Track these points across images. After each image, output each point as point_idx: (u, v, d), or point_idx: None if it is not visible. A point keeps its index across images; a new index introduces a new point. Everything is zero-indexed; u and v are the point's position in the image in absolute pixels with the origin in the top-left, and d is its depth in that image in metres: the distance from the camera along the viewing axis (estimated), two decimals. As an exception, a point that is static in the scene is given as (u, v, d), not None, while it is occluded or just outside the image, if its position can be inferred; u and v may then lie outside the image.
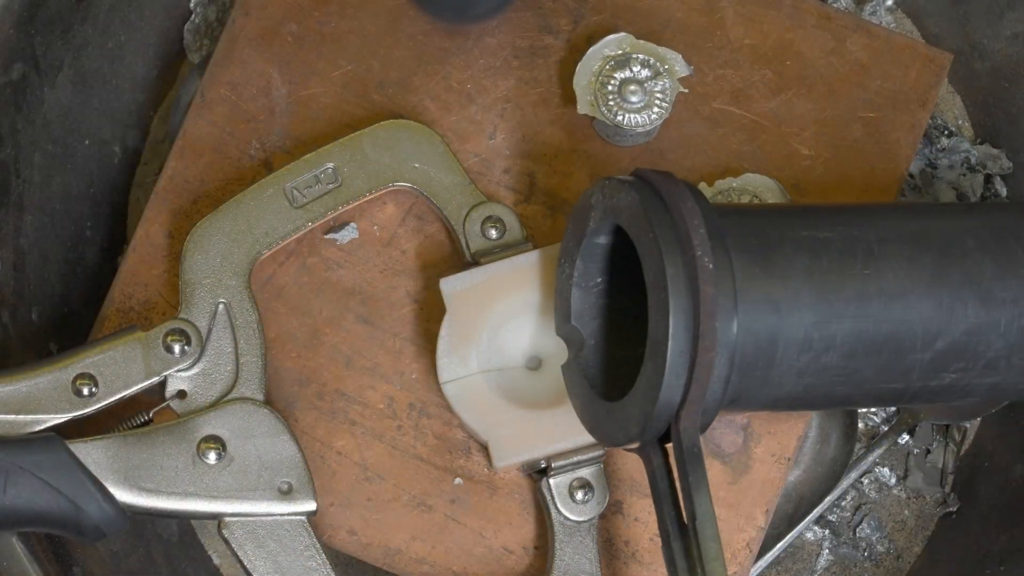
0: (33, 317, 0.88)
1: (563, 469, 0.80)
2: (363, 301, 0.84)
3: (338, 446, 0.83)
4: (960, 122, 1.01)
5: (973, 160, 0.99)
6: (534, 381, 0.82)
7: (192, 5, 1.01)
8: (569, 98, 0.86)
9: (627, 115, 0.83)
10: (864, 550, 0.98)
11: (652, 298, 0.70)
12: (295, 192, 0.82)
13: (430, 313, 0.84)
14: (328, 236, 0.84)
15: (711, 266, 0.69)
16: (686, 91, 0.85)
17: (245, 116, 0.86)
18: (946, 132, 1.00)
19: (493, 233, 0.83)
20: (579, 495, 0.80)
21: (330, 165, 0.83)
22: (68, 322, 0.92)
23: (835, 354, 0.71)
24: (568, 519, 0.80)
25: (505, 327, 0.82)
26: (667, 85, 0.83)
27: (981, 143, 1.00)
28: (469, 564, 0.83)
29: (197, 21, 1.01)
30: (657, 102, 0.83)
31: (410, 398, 0.84)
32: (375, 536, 0.83)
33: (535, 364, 0.82)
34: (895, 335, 0.72)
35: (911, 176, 0.99)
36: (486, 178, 0.85)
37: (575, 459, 0.80)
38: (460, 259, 0.84)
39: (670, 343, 0.68)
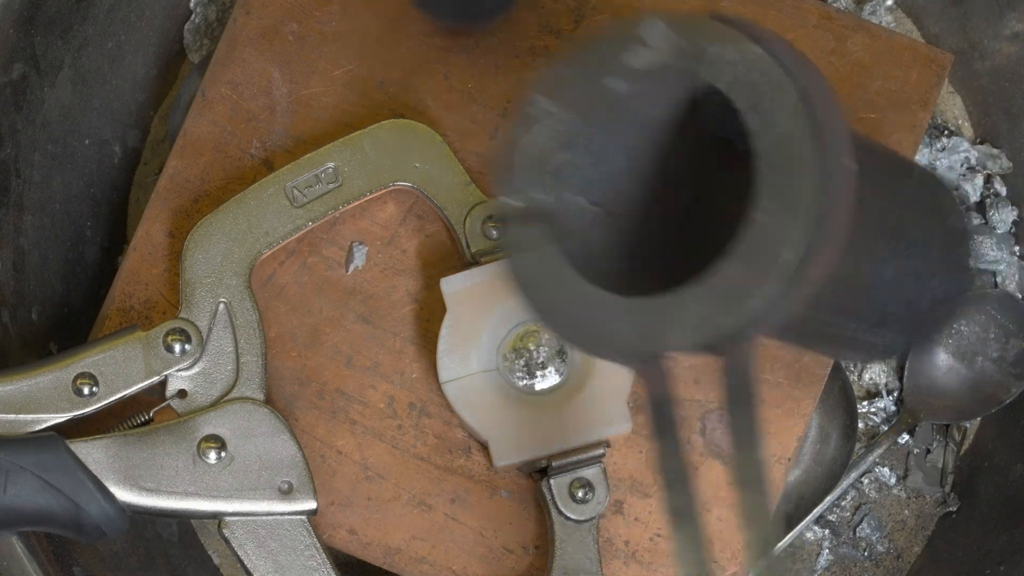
0: (33, 317, 0.88)
1: (563, 469, 0.80)
2: (363, 300, 0.84)
3: (338, 445, 0.83)
4: (960, 122, 1.01)
5: (973, 160, 0.99)
6: None
7: (192, 5, 1.01)
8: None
9: None
10: (864, 550, 0.98)
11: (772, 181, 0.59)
12: (296, 192, 0.82)
13: (430, 313, 0.84)
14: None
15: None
16: None
17: (246, 115, 0.86)
18: (946, 132, 1.00)
19: (494, 232, 0.83)
20: (579, 494, 0.80)
21: (331, 165, 0.83)
22: (68, 322, 0.92)
23: None
24: (569, 518, 0.80)
25: (506, 327, 0.82)
26: None
27: (981, 143, 1.00)
28: (469, 563, 0.83)
29: (197, 21, 1.01)
30: None
31: (411, 398, 0.84)
32: (375, 535, 0.83)
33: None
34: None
35: (911, 176, 0.99)
36: (488, 177, 0.85)
37: (575, 459, 0.80)
38: (461, 259, 0.84)
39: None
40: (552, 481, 0.80)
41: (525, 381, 0.81)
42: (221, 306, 0.81)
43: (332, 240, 0.85)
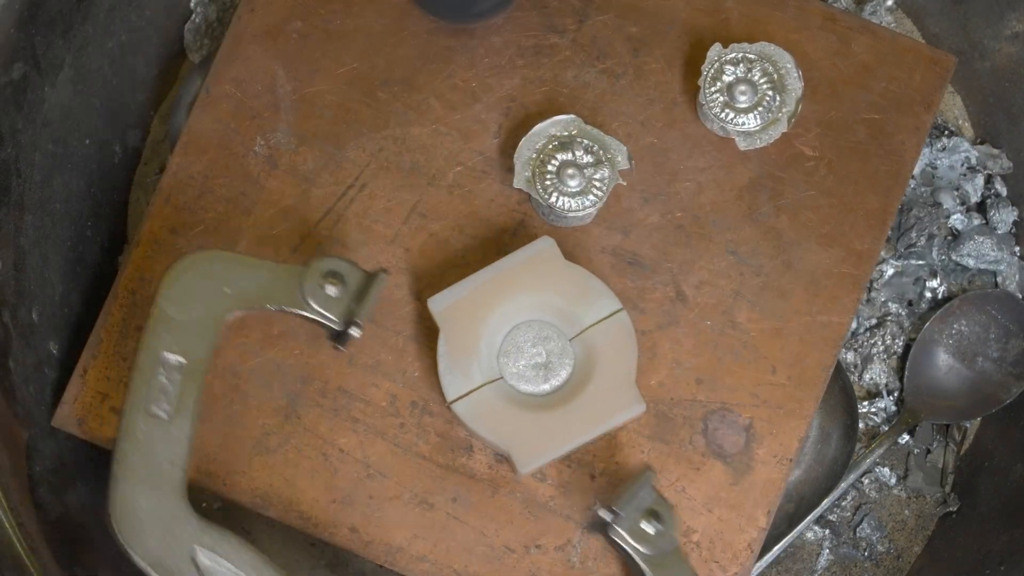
0: (33, 317, 0.88)
1: (623, 507, 0.78)
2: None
3: (340, 443, 0.83)
4: (960, 122, 1.02)
5: (973, 160, 1.00)
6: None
7: (192, 5, 1.01)
8: (574, 97, 0.86)
9: (562, 198, 0.82)
10: (864, 550, 0.98)
11: None
12: (156, 409, 0.77)
13: (433, 311, 0.84)
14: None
15: None
16: (624, 183, 0.85)
17: (250, 113, 0.86)
18: (946, 132, 1.01)
19: (334, 291, 0.78)
20: (649, 528, 0.78)
21: (167, 355, 0.77)
22: (68, 322, 0.92)
23: None
24: (652, 555, 0.78)
25: (502, 332, 0.81)
26: (607, 175, 0.83)
27: (981, 143, 1.01)
28: (470, 562, 0.83)
29: (197, 21, 1.01)
30: (595, 189, 0.83)
31: (412, 396, 0.84)
32: (376, 533, 0.83)
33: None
34: None
35: (912, 177, 0.99)
36: (490, 176, 0.85)
37: (627, 496, 0.78)
38: (330, 338, 0.80)
39: None
40: (620, 529, 0.78)
41: (531, 386, 0.81)
42: None
43: (336, 239, 0.85)
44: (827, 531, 0.98)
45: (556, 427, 0.80)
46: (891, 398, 0.99)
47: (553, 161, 0.83)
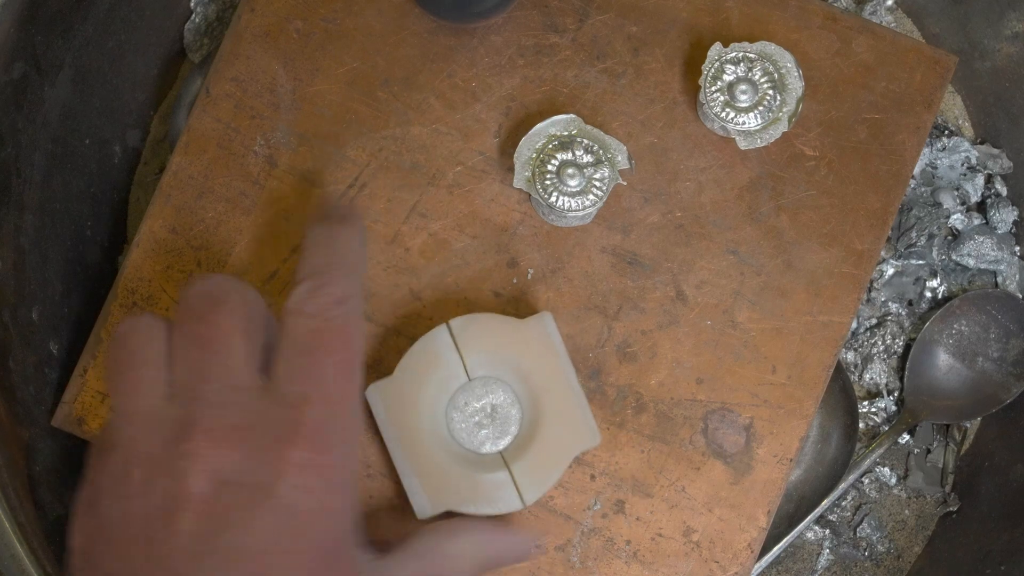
0: (33, 317, 0.88)
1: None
2: (365, 298, 0.84)
3: (341, 444, 0.83)
4: (960, 122, 1.02)
5: (974, 160, 1.00)
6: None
7: (192, 4, 1.01)
8: (574, 97, 0.86)
9: (562, 197, 0.82)
10: (864, 550, 0.98)
11: None
12: None
13: (433, 311, 0.84)
14: None
15: None
16: (624, 183, 0.85)
17: (250, 112, 0.86)
18: (947, 132, 1.01)
19: None
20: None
21: None
22: (68, 322, 0.92)
23: None
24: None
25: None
26: (607, 174, 0.83)
27: (981, 143, 1.01)
28: (471, 563, 0.83)
29: (197, 20, 1.01)
30: (595, 189, 0.82)
31: (413, 396, 0.84)
32: (375, 533, 0.82)
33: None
34: None
35: (912, 176, 0.99)
36: (490, 176, 0.85)
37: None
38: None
39: None
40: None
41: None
42: None
43: (335, 238, 0.85)
44: (827, 531, 0.98)
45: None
46: (891, 398, 0.99)
47: (553, 161, 0.82)
